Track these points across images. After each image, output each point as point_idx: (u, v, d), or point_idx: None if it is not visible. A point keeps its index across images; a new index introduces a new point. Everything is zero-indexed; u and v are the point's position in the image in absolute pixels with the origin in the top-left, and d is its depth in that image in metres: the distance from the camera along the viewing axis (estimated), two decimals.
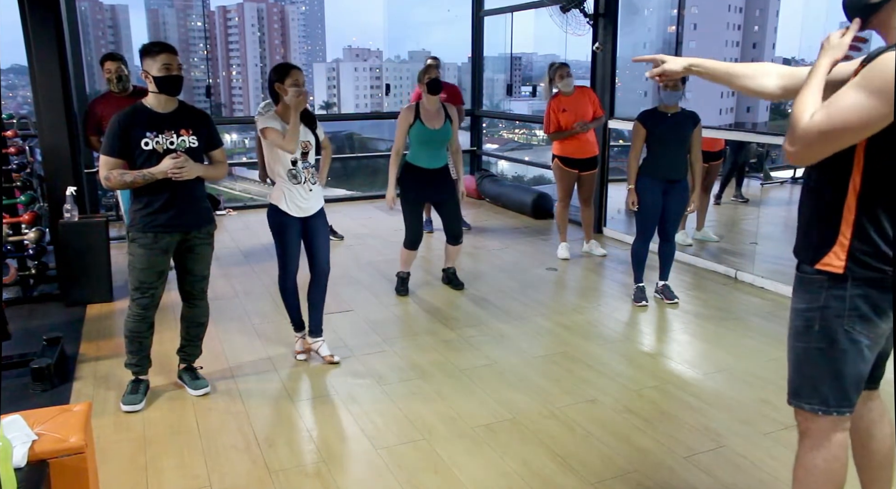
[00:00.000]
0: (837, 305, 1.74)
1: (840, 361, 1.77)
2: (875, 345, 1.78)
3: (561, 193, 5.65)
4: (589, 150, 5.53)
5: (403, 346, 3.90)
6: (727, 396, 3.29)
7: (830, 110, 1.56)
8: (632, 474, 2.65)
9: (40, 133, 4.70)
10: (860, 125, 1.54)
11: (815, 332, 1.79)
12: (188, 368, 3.44)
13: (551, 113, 5.49)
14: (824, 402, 1.80)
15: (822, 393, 1.80)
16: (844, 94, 1.56)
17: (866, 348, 1.76)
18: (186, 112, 3.14)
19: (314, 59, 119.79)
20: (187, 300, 3.34)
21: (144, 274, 3.10)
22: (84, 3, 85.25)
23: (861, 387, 1.82)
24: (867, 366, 1.79)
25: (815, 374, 1.81)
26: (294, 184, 3.46)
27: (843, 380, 1.78)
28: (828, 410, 1.80)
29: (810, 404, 1.82)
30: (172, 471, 2.70)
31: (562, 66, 5.44)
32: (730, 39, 54.37)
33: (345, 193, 10.24)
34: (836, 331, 1.75)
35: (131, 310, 3.18)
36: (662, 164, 4.32)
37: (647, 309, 4.49)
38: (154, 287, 3.14)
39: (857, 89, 1.54)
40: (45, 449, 1.93)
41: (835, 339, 1.76)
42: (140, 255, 3.08)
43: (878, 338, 1.77)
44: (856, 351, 1.76)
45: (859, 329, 1.74)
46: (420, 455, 2.79)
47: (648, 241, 4.53)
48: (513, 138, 38.36)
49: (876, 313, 1.73)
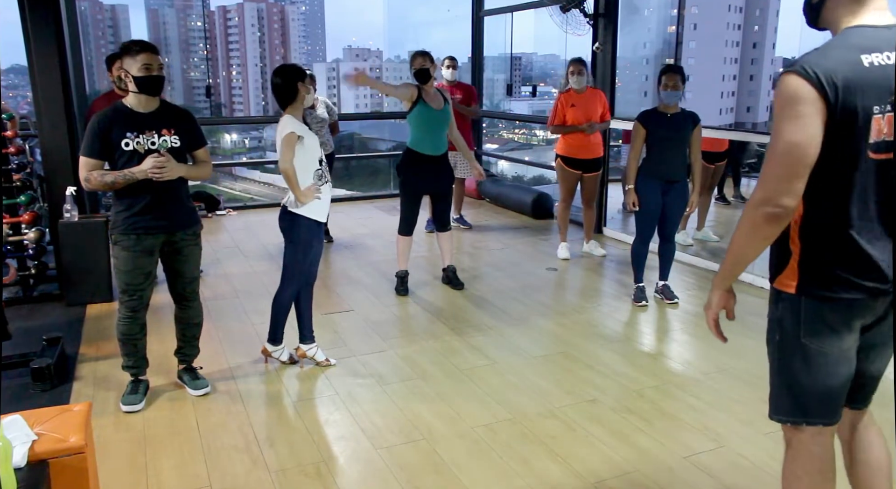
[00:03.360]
0: (793, 319, 1.76)
1: (801, 373, 1.76)
2: (844, 360, 1.75)
3: (563, 193, 5.64)
4: (593, 151, 5.51)
5: (403, 346, 3.90)
6: (727, 396, 3.29)
7: (770, 153, 1.60)
8: (632, 474, 2.65)
9: (40, 133, 4.70)
10: (799, 145, 1.57)
11: (776, 343, 1.82)
12: (188, 369, 3.43)
13: (559, 106, 5.45)
14: (794, 414, 1.80)
15: (791, 404, 1.80)
16: (773, 133, 1.61)
17: (830, 362, 1.74)
18: (168, 111, 3.08)
19: (314, 59, 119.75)
20: (179, 302, 3.31)
21: (130, 276, 3.07)
22: (84, 3, 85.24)
23: (837, 401, 1.78)
24: (836, 379, 1.75)
25: (782, 385, 1.82)
26: (322, 184, 3.41)
27: (804, 392, 1.77)
28: (797, 421, 1.80)
29: (782, 416, 1.83)
30: (172, 471, 2.70)
31: (575, 63, 5.41)
32: (730, 39, 54.37)
33: (345, 193, 10.23)
34: (793, 343, 1.76)
35: (121, 313, 3.16)
36: (662, 164, 4.31)
37: (647, 309, 4.49)
38: (142, 288, 3.12)
39: (775, 122, 1.60)
40: (45, 449, 1.93)
41: (793, 352, 1.77)
42: (124, 258, 3.05)
43: (843, 353, 1.74)
44: (816, 364, 1.74)
45: (816, 343, 1.73)
46: (420, 455, 2.79)
47: (648, 242, 4.53)
48: (513, 138, 38.33)
49: (833, 331, 1.72)
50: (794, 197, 1.59)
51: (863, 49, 1.58)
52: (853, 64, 1.56)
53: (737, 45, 54.97)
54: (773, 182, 1.59)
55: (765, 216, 1.61)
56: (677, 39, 7.07)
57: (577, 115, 5.39)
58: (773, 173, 1.60)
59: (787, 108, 1.56)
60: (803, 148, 1.56)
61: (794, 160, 1.57)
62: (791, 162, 1.58)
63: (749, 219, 1.64)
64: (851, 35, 1.62)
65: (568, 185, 5.58)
